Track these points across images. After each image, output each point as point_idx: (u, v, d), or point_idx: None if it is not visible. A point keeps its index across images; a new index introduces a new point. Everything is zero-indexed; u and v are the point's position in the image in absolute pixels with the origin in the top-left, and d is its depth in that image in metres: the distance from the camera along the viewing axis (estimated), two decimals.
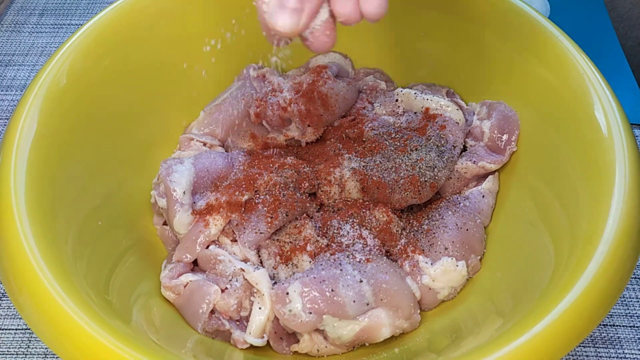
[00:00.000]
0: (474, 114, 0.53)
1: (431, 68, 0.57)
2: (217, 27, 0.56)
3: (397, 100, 0.54)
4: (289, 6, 0.32)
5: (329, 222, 0.47)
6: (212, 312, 0.43)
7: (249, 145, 0.55)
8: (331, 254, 0.44)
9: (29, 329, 0.48)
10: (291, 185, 0.48)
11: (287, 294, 0.41)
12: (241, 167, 0.49)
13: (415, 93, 0.53)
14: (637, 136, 0.60)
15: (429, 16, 0.55)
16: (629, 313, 0.49)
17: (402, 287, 0.42)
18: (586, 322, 0.33)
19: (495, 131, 0.49)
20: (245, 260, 0.45)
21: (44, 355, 0.47)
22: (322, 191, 0.49)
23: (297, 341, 0.42)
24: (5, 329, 0.48)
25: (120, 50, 0.50)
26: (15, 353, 0.47)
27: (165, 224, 0.50)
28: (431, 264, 0.44)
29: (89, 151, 0.45)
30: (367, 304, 0.40)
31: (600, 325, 0.48)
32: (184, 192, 0.46)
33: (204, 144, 0.53)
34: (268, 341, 0.42)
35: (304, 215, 0.48)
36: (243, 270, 0.44)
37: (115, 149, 0.49)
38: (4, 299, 0.50)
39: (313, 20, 0.33)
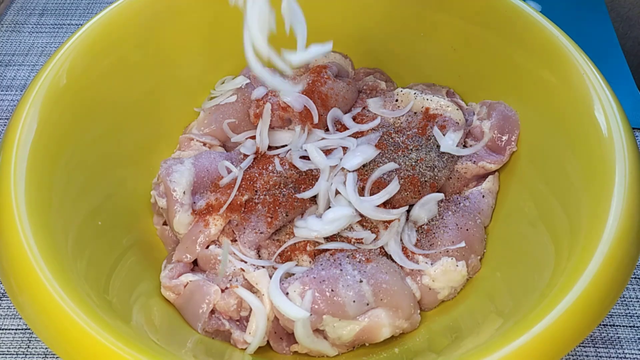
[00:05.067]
0: (474, 114, 0.53)
1: (431, 68, 0.57)
2: (217, 27, 0.56)
3: (397, 100, 0.54)
4: None
5: None
6: (212, 312, 0.43)
7: None
8: (331, 254, 0.44)
9: (29, 329, 0.48)
10: (291, 185, 0.48)
11: (287, 294, 0.41)
12: None
13: (415, 93, 0.53)
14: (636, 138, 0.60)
15: (429, 16, 0.55)
16: (629, 313, 0.49)
17: (402, 287, 0.42)
18: (586, 322, 0.33)
19: (495, 131, 0.49)
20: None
21: (44, 355, 0.47)
22: None
23: (297, 341, 0.42)
24: (5, 329, 0.48)
25: (120, 50, 0.50)
26: (15, 353, 0.47)
27: (165, 224, 0.50)
28: (431, 264, 0.44)
29: (89, 151, 0.45)
30: (367, 304, 0.40)
31: (600, 325, 0.48)
32: (184, 192, 0.46)
33: (204, 144, 0.53)
34: (268, 341, 0.42)
35: None
36: (243, 270, 0.44)
37: (115, 149, 0.49)
38: (4, 299, 0.50)
39: None
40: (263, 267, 0.44)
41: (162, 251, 0.49)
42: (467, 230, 0.46)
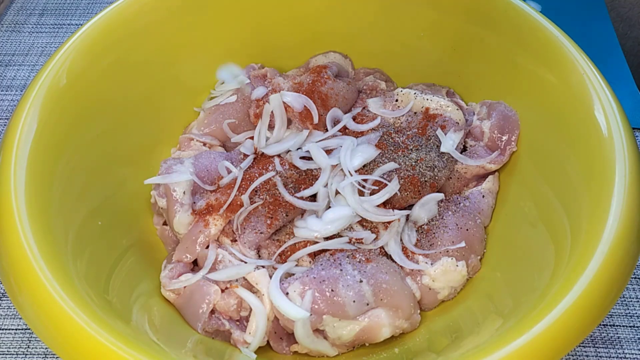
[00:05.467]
0: (474, 114, 0.53)
1: (431, 68, 0.57)
2: (217, 27, 0.56)
3: (397, 100, 0.54)
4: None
5: None
6: (212, 312, 0.43)
7: None
8: (331, 254, 0.44)
9: (28, 329, 0.48)
10: (291, 185, 0.48)
11: (287, 294, 0.41)
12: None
13: (415, 93, 0.53)
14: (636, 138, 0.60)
15: (429, 16, 0.55)
16: (629, 313, 0.49)
17: (402, 287, 0.42)
18: (586, 322, 0.33)
19: (495, 131, 0.49)
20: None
21: (43, 356, 0.47)
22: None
23: (297, 341, 0.42)
24: (5, 329, 0.48)
25: (119, 50, 0.50)
26: (15, 353, 0.47)
27: (165, 224, 0.50)
28: (431, 264, 0.44)
29: (89, 151, 0.45)
30: (367, 304, 0.40)
31: (600, 325, 0.48)
32: (184, 192, 0.46)
33: (204, 144, 0.53)
34: (268, 341, 0.42)
35: None
36: None
37: (115, 149, 0.49)
38: (4, 299, 0.50)
39: None
40: (263, 267, 0.44)
41: (162, 251, 0.49)
42: (467, 230, 0.46)
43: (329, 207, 0.47)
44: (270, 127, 0.53)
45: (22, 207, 0.37)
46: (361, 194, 0.47)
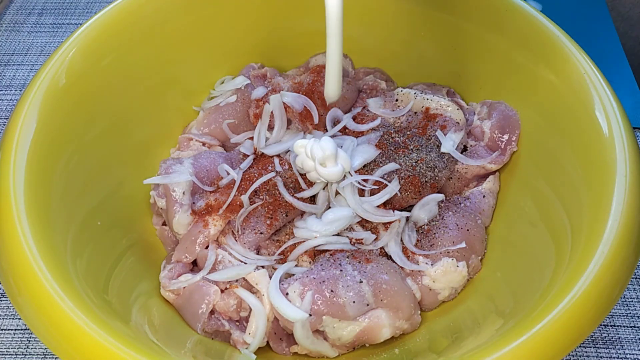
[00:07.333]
0: (474, 113, 0.53)
1: (431, 68, 0.57)
2: (217, 27, 0.56)
3: (397, 100, 0.54)
4: None
5: None
6: (212, 312, 0.43)
7: None
8: (331, 254, 0.44)
9: (28, 330, 0.48)
10: (291, 185, 0.48)
11: (287, 294, 0.41)
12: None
13: (415, 93, 0.53)
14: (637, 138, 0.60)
15: (429, 16, 0.55)
16: (630, 313, 0.49)
17: (402, 287, 0.42)
18: (587, 323, 0.33)
19: (496, 131, 0.49)
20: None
21: (43, 356, 0.47)
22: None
23: (297, 342, 0.42)
24: (5, 330, 0.48)
25: (119, 50, 0.49)
26: (14, 354, 0.47)
27: (164, 224, 0.49)
28: (432, 264, 0.44)
29: (88, 151, 0.45)
30: (367, 305, 0.40)
31: (600, 325, 0.48)
32: (183, 193, 0.46)
33: (204, 144, 0.53)
34: (268, 342, 0.42)
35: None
36: None
37: (115, 149, 0.49)
38: (3, 299, 0.50)
39: None
40: (263, 267, 0.44)
41: (162, 251, 0.49)
42: (467, 230, 0.46)
43: (329, 207, 0.47)
44: (270, 127, 0.53)
45: (21, 207, 0.37)
46: (361, 194, 0.47)
